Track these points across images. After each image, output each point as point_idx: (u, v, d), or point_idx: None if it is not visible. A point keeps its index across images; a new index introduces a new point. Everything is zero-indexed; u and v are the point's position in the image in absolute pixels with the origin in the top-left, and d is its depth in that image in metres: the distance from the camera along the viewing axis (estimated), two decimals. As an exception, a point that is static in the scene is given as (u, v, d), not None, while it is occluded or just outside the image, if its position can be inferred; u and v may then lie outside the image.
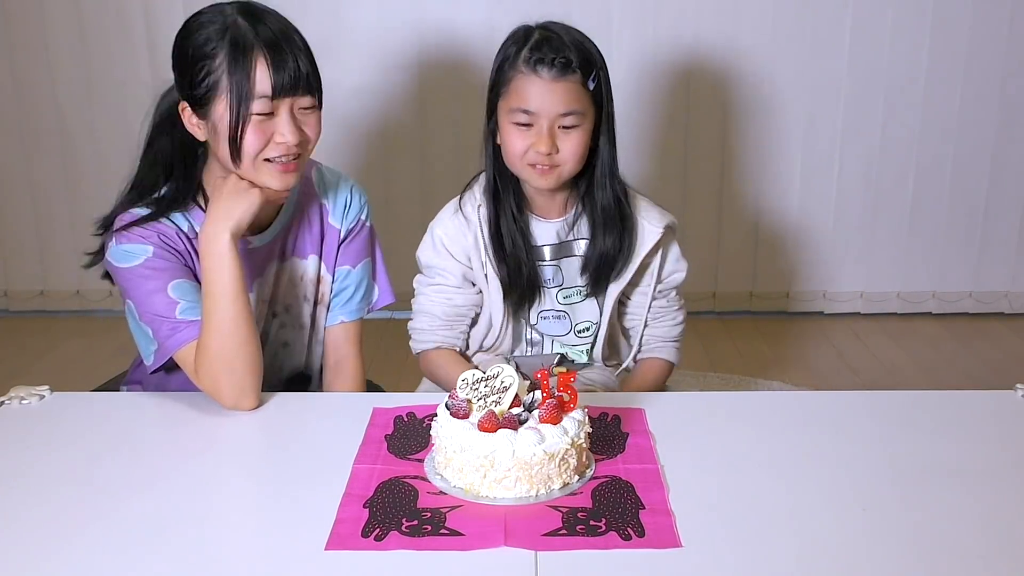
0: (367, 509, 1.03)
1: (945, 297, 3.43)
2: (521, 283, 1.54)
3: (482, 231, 1.53)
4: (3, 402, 1.33)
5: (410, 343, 1.63)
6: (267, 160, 1.34)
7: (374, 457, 1.16)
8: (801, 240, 3.38)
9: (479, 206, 1.54)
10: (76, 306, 3.42)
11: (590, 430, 1.12)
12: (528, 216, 1.56)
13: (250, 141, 1.31)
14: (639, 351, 1.63)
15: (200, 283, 1.36)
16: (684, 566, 0.93)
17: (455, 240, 1.56)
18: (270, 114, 1.32)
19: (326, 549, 0.96)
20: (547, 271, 1.58)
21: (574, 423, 1.09)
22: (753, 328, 3.35)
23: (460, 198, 1.59)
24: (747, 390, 2.19)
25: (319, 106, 1.37)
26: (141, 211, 1.37)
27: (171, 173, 1.41)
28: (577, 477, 1.09)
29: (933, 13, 3.12)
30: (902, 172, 3.29)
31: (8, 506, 1.06)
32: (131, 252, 1.35)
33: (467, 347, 1.63)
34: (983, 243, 3.37)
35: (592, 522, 1.00)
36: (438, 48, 3.16)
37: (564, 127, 1.44)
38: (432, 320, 1.59)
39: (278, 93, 1.30)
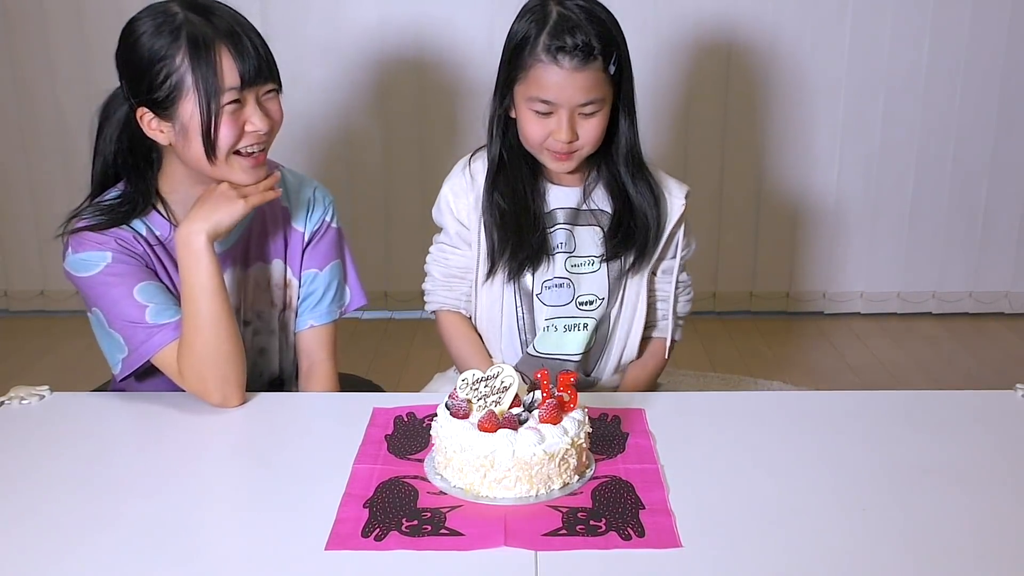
0: (367, 509, 1.03)
1: (945, 297, 3.43)
2: (522, 253, 1.49)
3: (483, 196, 1.51)
4: (3, 402, 1.33)
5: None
6: (237, 153, 1.33)
7: (374, 457, 1.16)
8: (801, 240, 3.38)
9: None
10: (76, 306, 3.38)
11: (590, 430, 1.12)
12: (543, 182, 1.53)
13: (224, 134, 1.30)
14: (676, 327, 1.61)
15: (165, 284, 1.36)
16: (684, 566, 0.94)
17: (458, 196, 1.55)
18: (238, 104, 1.31)
19: (326, 549, 0.96)
20: (559, 235, 1.53)
21: (574, 423, 1.09)
22: (753, 328, 3.34)
23: (473, 153, 1.56)
24: (747, 390, 2.19)
25: (279, 90, 1.37)
26: (97, 220, 1.36)
27: (121, 179, 1.40)
28: (577, 477, 1.09)
29: (933, 13, 3.12)
30: (902, 172, 3.29)
31: (8, 506, 1.06)
32: (89, 260, 1.34)
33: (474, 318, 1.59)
34: (983, 243, 3.37)
35: (592, 522, 1.00)
36: (438, 48, 3.16)
37: (584, 114, 1.41)
38: (433, 281, 1.60)
39: (246, 83, 1.30)
